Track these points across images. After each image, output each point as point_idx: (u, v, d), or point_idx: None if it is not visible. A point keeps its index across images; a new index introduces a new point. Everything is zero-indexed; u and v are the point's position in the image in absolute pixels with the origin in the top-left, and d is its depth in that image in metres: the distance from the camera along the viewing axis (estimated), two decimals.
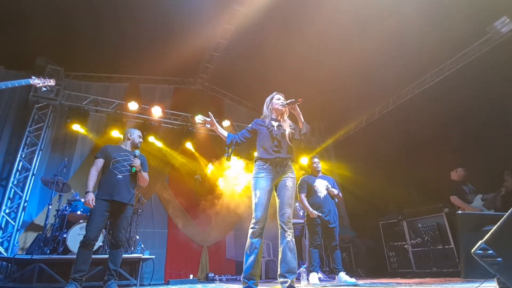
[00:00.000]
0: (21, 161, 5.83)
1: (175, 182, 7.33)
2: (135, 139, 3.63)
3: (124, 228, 3.29)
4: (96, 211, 3.15)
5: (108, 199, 3.20)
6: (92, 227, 3.09)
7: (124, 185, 3.31)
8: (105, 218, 3.19)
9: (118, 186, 3.26)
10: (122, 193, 3.27)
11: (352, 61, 6.09)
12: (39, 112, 6.22)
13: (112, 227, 3.30)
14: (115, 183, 3.27)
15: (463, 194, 4.37)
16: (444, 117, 6.07)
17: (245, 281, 2.58)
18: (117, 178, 3.29)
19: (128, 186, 3.36)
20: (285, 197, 2.76)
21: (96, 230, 3.11)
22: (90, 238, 3.06)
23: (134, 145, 3.61)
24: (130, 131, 3.71)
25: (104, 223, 3.22)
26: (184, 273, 6.48)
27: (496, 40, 5.42)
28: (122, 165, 3.36)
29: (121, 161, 3.38)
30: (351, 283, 3.75)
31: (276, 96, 3.07)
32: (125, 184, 3.33)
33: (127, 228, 3.33)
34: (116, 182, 3.27)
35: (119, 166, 3.35)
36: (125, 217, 3.30)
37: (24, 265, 4.29)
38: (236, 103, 8.93)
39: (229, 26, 6.20)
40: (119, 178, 3.30)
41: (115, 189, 3.24)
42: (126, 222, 3.31)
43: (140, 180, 3.49)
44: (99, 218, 3.14)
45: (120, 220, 3.26)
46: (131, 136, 3.64)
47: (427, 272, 5.01)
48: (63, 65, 6.43)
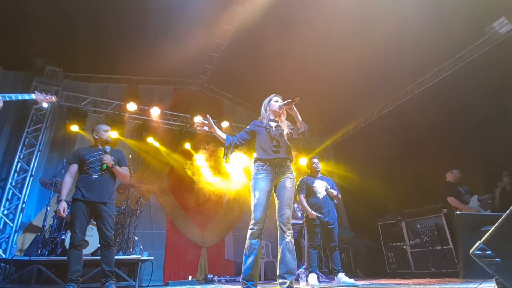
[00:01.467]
0: (19, 162, 5.81)
1: (174, 183, 7.32)
2: (103, 136, 3.53)
3: (111, 227, 3.22)
4: (75, 213, 3.13)
5: (83, 200, 3.17)
6: (77, 228, 3.08)
7: (100, 185, 3.26)
8: (87, 217, 3.17)
9: (94, 186, 3.22)
10: (98, 192, 3.22)
11: (351, 61, 6.09)
12: (38, 113, 6.20)
13: (98, 228, 3.27)
14: (91, 183, 3.23)
15: (459, 195, 4.39)
16: (443, 118, 6.08)
17: (244, 282, 2.57)
18: (92, 178, 3.25)
19: (106, 185, 3.32)
20: (284, 198, 2.76)
21: (81, 230, 3.10)
22: (78, 239, 3.06)
23: (103, 142, 3.52)
24: (96, 128, 3.59)
25: (87, 222, 3.19)
26: (183, 274, 6.46)
27: (495, 41, 5.44)
28: (97, 164, 3.31)
29: (94, 161, 3.33)
30: (350, 284, 3.75)
31: (274, 98, 3.08)
32: (101, 183, 3.28)
33: (113, 226, 3.29)
34: (91, 182, 3.24)
35: (94, 166, 3.30)
36: (109, 216, 3.24)
37: (22, 266, 4.27)
38: (235, 103, 8.92)
39: (228, 26, 6.20)
40: (94, 178, 3.26)
41: (90, 189, 3.20)
42: (111, 221, 3.24)
43: (118, 175, 3.44)
44: (81, 218, 3.12)
45: (104, 219, 3.20)
46: (98, 134, 3.54)
47: (426, 272, 5.01)
48: (62, 65, 6.41)
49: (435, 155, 5.95)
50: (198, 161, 7.53)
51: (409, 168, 6.69)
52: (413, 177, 6.57)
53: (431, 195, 5.64)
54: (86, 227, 3.22)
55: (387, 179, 6.96)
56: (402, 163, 6.85)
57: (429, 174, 6.08)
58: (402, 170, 6.85)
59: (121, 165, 3.48)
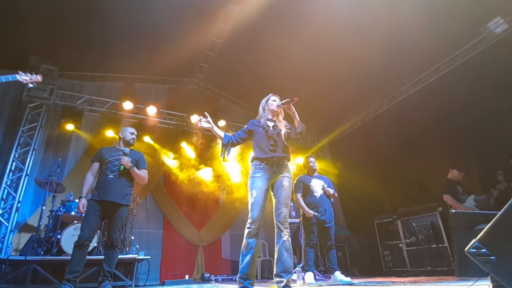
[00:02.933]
0: (14, 161, 5.77)
1: (170, 182, 7.31)
2: (126, 137, 3.57)
3: (119, 229, 3.25)
4: (88, 212, 3.15)
5: (98, 200, 3.18)
6: (85, 227, 3.08)
7: (115, 185, 3.27)
8: (98, 218, 3.16)
9: (109, 186, 3.24)
10: (113, 193, 3.23)
11: (348, 61, 6.11)
12: (33, 111, 6.15)
13: (107, 228, 3.28)
14: (106, 183, 3.25)
15: (456, 193, 4.42)
16: (438, 117, 6.12)
17: (241, 281, 2.58)
18: (108, 178, 3.27)
19: (122, 185, 3.32)
20: (281, 197, 2.77)
21: (89, 231, 3.09)
22: (83, 238, 3.04)
23: (126, 143, 3.56)
24: (123, 129, 3.68)
25: (98, 223, 3.19)
26: (179, 273, 6.45)
27: (490, 40, 5.47)
28: (114, 164, 3.34)
29: (113, 161, 3.35)
30: (346, 282, 3.77)
31: (272, 97, 3.08)
32: (117, 184, 3.29)
33: (122, 229, 3.29)
34: (106, 182, 3.25)
35: (111, 166, 3.33)
36: (120, 217, 3.26)
37: (18, 266, 4.25)
38: (232, 103, 8.91)
39: (224, 25, 6.19)
40: (110, 178, 3.27)
41: (105, 189, 3.21)
42: (120, 223, 3.27)
43: (135, 177, 3.45)
44: (91, 218, 3.12)
45: (115, 220, 3.23)
46: (123, 134, 3.61)
47: (422, 270, 5.05)
48: (57, 64, 6.36)
49: (431, 154, 5.99)
50: (195, 160, 7.53)
51: (405, 167, 6.73)
52: (409, 176, 6.61)
53: (427, 193, 5.69)
54: (96, 228, 3.20)
55: (384, 178, 6.99)
56: (398, 162, 6.89)
57: (425, 173, 6.12)
58: (398, 169, 6.89)
59: (139, 167, 3.48)
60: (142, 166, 3.52)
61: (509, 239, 1.22)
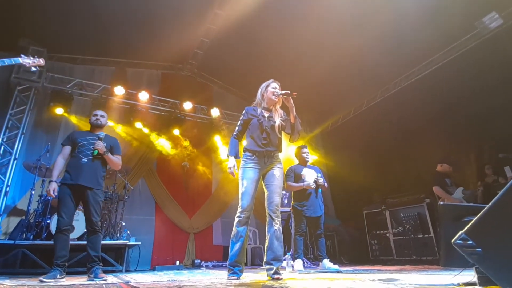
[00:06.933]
0: (2, 145, 5.65)
1: (163, 168, 7.28)
2: (90, 119, 3.48)
3: (96, 213, 3.20)
4: (62, 197, 3.10)
5: (71, 184, 3.13)
6: (63, 212, 3.05)
7: (89, 169, 3.22)
8: (73, 202, 3.13)
9: (82, 169, 3.18)
10: (86, 177, 3.18)
11: (342, 53, 6.09)
12: (21, 94, 6.00)
13: (85, 214, 3.25)
14: (79, 166, 3.19)
15: (444, 185, 4.50)
16: (431, 110, 6.18)
17: (231, 268, 2.62)
18: (81, 161, 3.21)
19: (95, 170, 3.28)
20: (272, 186, 2.79)
21: (68, 215, 3.07)
22: (64, 224, 3.03)
23: (95, 126, 3.46)
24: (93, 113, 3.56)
25: (74, 207, 3.17)
26: (170, 259, 6.51)
27: (484, 35, 5.49)
28: (88, 148, 3.28)
29: (86, 144, 3.29)
30: (334, 270, 3.84)
31: (272, 84, 3.01)
32: (90, 168, 3.24)
33: (100, 213, 3.26)
34: (80, 165, 3.20)
35: (84, 150, 3.27)
36: (96, 202, 3.21)
37: (7, 250, 4.22)
38: (225, 90, 8.83)
39: (219, 11, 6.08)
40: (84, 162, 3.22)
41: (79, 172, 3.16)
42: (97, 207, 3.22)
43: (109, 163, 3.40)
44: (68, 203, 3.09)
45: (90, 205, 3.18)
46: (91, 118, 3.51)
47: (407, 259, 5.18)
48: (46, 46, 6.17)
49: (422, 147, 6.06)
50: (188, 147, 7.50)
51: (396, 158, 6.83)
52: (398, 168, 6.71)
53: (416, 185, 5.79)
54: (73, 212, 3.18)
55: (374, 169, 7.09)
56: (389, 154, 6.99)
57: (416, 165, 6.22)
58: (388, 161, 6.99)
59: (113, 153, 3.44)
60: (116, 152, 3.48)
61: (495, 232, 1.25)
